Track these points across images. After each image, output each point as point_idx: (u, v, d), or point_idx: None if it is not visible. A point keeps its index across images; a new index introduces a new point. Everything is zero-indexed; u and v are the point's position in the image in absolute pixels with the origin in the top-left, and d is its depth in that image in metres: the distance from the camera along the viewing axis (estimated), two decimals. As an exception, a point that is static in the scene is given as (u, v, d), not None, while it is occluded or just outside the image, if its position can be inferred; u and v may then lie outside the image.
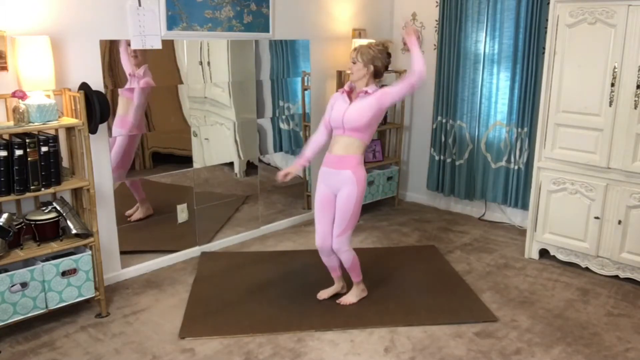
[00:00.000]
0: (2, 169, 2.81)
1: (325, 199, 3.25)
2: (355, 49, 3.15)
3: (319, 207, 3.28)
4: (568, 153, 3.88)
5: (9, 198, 2.87)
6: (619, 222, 3.71)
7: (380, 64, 3.13)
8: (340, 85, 4.89)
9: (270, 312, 3.32)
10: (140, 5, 3.50)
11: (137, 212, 3.82)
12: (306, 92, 4.75)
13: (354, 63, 3.13)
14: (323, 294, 3.50)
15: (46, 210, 3.11)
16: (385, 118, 5.26)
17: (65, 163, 3.22)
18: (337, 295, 3.50)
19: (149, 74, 3.69)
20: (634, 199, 3.64)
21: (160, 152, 3.90)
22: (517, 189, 4.78)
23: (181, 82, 3.88)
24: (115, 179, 3.63)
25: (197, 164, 4.09)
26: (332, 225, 3.26)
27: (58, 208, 3.12)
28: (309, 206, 4.96)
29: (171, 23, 3.70)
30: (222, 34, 4.02)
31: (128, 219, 3.78)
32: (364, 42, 3.42)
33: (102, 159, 3.50)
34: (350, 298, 3.45)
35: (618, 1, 3.51)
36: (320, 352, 2.94)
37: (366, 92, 3.12)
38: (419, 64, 3.04)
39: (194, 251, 4.18)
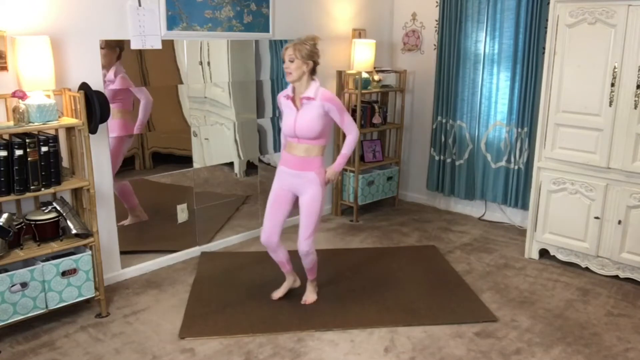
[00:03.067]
0: (2, 169, 2.80)
1: (281, 197, 3.22)
2: (288, 48, 3.02)
3: (273, 204, 3.24)
4: (568, 153, 3.88)
5: (9, 198, 2.87)
6: (619, 222, 3.71)
7: (317, 58, 3.07)
8: (340, 85, 4.89)
9: (270, 312, 3.32)
10: (140, 5, 3.50)
11: (127, 219, 3.76)
12: (306, 92, 4.75)
13: (292, 61, 2.99)
14: (277, 294, 3.48)
15: (46, 210, 3.11)
16: (385, 118, 5.26)
17: (65, 163, 3.22)
18: (292, 290, 3.49)
19: (122, 70, 3.52)
20: (634, 199, 3.64)
21: (160, 152, 3.90)
22: (517, 189, 4.78)
23: (181, 82, 3.88)
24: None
25: (197, 164, 4.09)
26: (281, 223, 3.24)
27: (58, 208, 3.12)
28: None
29: (171, 23, 3.70)
30: (222, 34, 4.02)
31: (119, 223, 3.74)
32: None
33: (102, 159, 3.50)
34: (312, 296, 3.46)
35: (618, 1, 3.51)
36: (320, 352, 2.94)
37: (308, 98, 3.05)
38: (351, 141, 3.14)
39: (194, 251, 4.18)
